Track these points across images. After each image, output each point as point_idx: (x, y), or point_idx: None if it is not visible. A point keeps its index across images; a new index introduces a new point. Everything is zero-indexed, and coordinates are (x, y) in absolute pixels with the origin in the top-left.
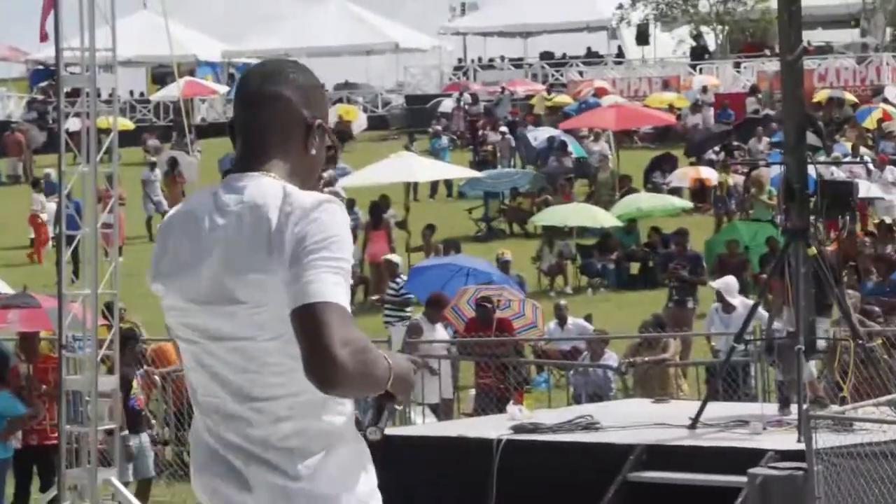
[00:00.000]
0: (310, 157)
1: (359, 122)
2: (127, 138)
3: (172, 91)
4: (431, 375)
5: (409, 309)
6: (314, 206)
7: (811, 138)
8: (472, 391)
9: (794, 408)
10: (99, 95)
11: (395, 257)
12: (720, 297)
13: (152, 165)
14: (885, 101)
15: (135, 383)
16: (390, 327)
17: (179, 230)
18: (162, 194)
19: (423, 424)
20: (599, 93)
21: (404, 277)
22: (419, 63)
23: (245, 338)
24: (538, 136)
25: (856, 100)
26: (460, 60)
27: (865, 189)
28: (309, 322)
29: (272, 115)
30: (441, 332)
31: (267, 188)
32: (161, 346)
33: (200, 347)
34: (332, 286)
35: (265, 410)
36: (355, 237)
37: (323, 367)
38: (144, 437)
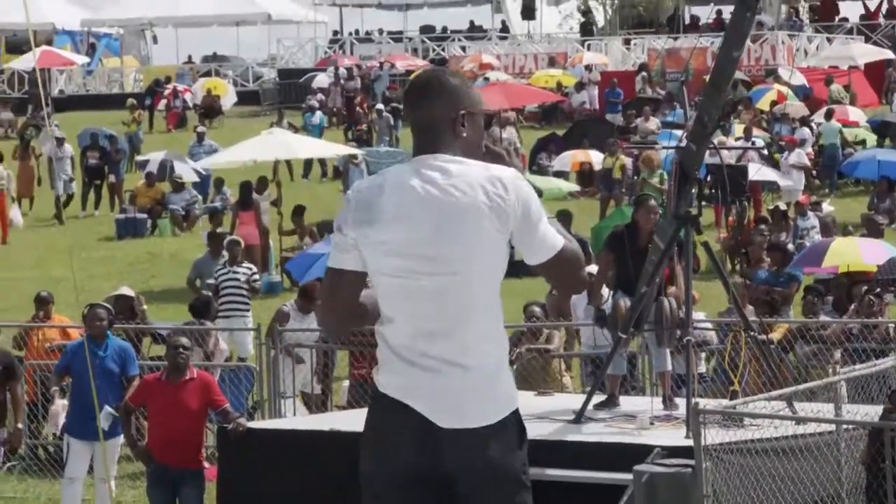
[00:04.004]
0: (462, 140)
1: (228, 96)
2: None
3: (28, 61)
4: (298, 364)
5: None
6: (515, 182)
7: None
8: (346, 382)
9: (681, 402)
10: None
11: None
12: None
13: (60, 141)
14: (778, 80)
15: None
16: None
17: (390, 194)
18: (71, 171)
19: (294, 417)
20: (484, 69)
21: None
22: (293, 35)
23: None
24: None
25: (748, 79)
26: (336, 33)
27: (754, 171)
28: (561, 263)
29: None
30: (313, 322)
31: (468, 166)
32: None
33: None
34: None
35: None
36: (222, 219)
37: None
38: None
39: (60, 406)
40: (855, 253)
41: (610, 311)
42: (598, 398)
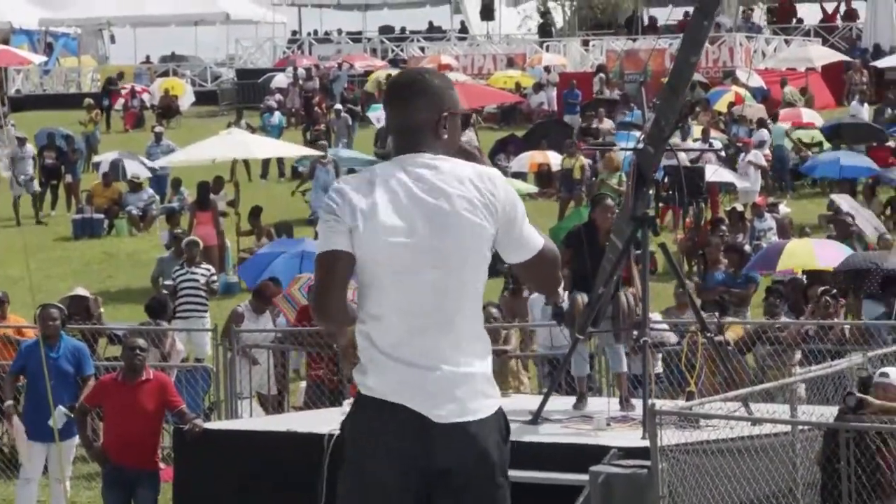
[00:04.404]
0: (444, 141)
1: (186, 96)
2: None
3: None
4: (253, 365)
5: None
6: (501, 179)
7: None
8: (303, 383)
9: (638, 403)
10: None
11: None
12: None
13: (22, 141)
14: (736, 82)
15: None
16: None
17: (381, 189)
18: (33, 171)
19: (250, 418)
20: (443, 69)
21: None
22: (251, 35)
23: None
24: (381, 116)
25: (706, 81)
26: (295, 33)
27: (711, 172)
28: (540, 263)
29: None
30: (268, 323)
31: (455, 163)
32: None
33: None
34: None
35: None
36: (179, 219)
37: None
38: None
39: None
40: (809, 255)
41: (568, 308)
42: (557, 399)
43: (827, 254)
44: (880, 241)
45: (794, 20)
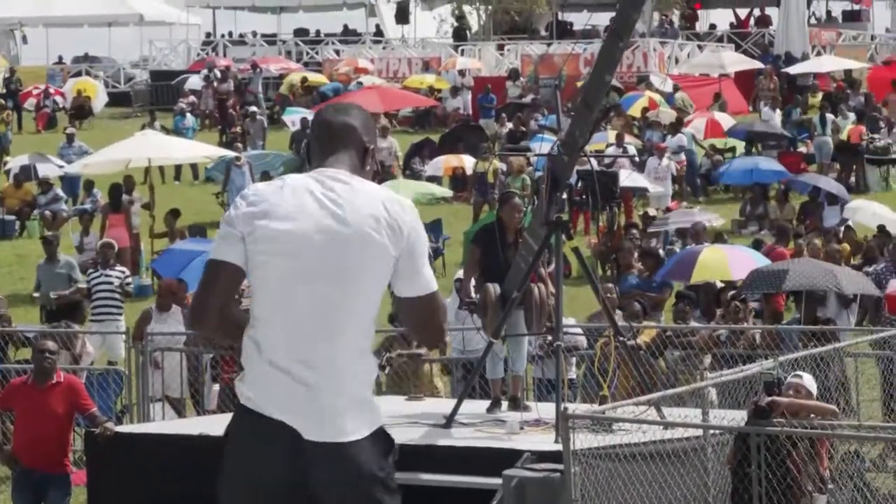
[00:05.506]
0: (364, 173)
1: (99, 98)
2: None
3: None
4: (156, 369)
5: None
6: (412, 210)
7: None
8: (216, 386)
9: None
10: None
11: None
12: None
13: None
14: (650, 87)
15: None
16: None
17: (288, 194)
18: None
19: (163, 421)
20: (359, 72)
21: None
22: (165, 37)
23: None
24: (295, 119)
25: (620, 87)
26: (209, 35)
27: (625, 176)
28: (431, 305)
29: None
30: (176, 323)
31: (369, 184)
32: None
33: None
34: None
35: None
36: (91, 221)
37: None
38: None
39: None
40: (724, 267)
41: (480, 297)
42: (471, 403)
43: (741, 264)
44: (809, 247)
45: (698, 25)
